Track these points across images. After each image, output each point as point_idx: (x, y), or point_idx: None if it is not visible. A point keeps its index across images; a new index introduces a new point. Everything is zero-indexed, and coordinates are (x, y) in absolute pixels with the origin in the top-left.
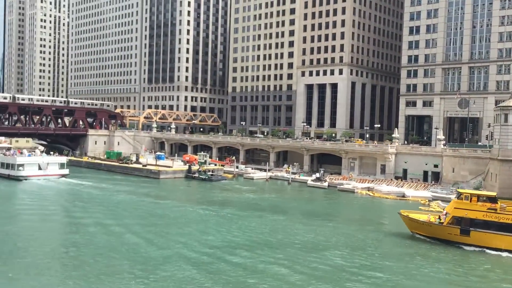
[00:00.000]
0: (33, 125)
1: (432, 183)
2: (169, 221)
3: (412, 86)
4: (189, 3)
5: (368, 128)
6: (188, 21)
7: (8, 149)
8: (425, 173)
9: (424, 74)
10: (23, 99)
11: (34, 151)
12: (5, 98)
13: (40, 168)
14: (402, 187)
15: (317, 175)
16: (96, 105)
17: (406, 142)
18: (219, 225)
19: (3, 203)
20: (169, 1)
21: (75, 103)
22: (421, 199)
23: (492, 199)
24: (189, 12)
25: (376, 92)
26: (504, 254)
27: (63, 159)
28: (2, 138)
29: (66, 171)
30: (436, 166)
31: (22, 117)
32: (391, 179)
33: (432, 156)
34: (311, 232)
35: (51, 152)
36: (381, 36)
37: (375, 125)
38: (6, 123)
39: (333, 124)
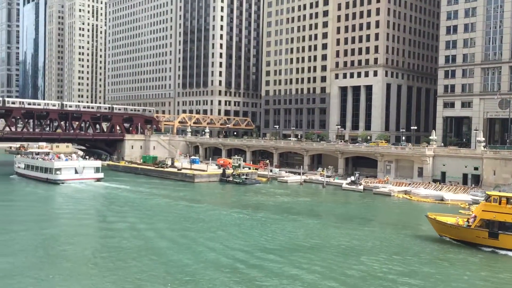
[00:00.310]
0: (72, 131)
1: (472, 186)
2: (203, 225)
3: (450, 86)
4: (222, 8)
5: (404, 130)
6: (221, 26)
7: (47, 153)
8: (465, 176)
9: (463, 74)
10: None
11: (71, 156)
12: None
13: (76, 172)
14: (440, 190)
15: (352, 178)
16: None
17: (444, 144)
18: (252, 229)
19: (43, 206)
20: (202, 6)
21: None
22: (460, 202)
23: None
24: (222, 17)
25: (412, 93)
26: None
27: (98, 163)
28: (44, 144)
29: (101, 175)
30: (476, 168)
31: (62, 123)
32: (429, 182)
33: (472, 159)
34: (346, 236)
35: (87, 157)
36: (416, 36)
37: (412, 127)
38: (47, 129)
39: (368, 127)
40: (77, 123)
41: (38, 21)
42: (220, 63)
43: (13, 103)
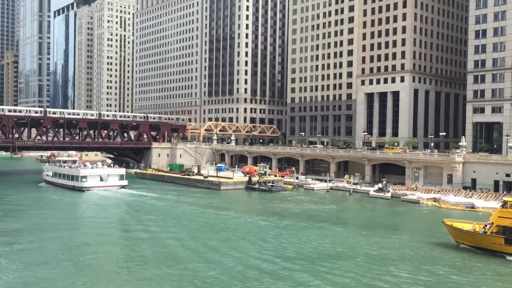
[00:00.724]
0: (101, 139)
1: (504, 193)
2: (229, 233)
3: (479, 91)
4: (247, 16)
5: (432, 136)
6: (247, 34)
7: (74, 162)
8: (496, 183)
9: (493, 79)
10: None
11: (96, 164)
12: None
13: (101, 180)
14: (471, 197)
15: (380, 185)
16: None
17: (474, 150)
18: (278, 237)
19: (70, 214)
20: (228, 15)
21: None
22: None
23: None
24: (247, 25)
25: (441, 99)
26: None
27: (122, 171)
28: (74, 152)
29: (125, 182)
30: (508, 175)
31: (91, 131)
32: (459, 190)
33: (504, 165)
34: (374, 245)
35: (111, 165)
36: (444, 41)
37: (440, 133)
38: (77, 137)
39: (395, 133)
40: (105, 131)
41: (68, 33)
42: (246, 71)
43: (77, 114)
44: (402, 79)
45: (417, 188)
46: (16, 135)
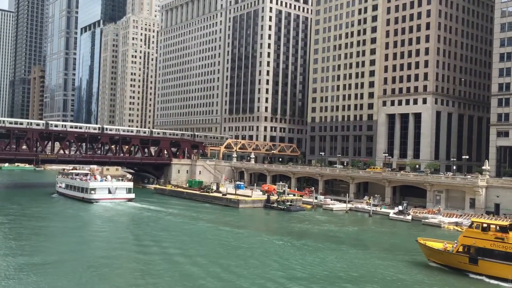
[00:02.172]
0: (122, 154)
1: None
2: (242, 251)
3: (503, 115)
4: (269, 36)
5: (455, 159)
6: (269, 53)
7: (86, 174)
8: None
9: None
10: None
11: (106, 177)
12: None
13: (109, 192)
14: None
15: (400, 208)
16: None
17: (498, 175)
18: (291, 258)
19: (82, 228)
20: (250, 34)
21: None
22: None
23: (503, 228)
24: (269, 44)
25: (464, 121)
26: (509, 285)
27: (130, 184)
28: (95, 166)
29: (132, 195)
30: None
31: (112, 146)
32: (482, 214)
33: None
34: (392, 269)
35: (120, 178)
36: (468, 64)
37: (463, 157)
38: (99, 152)
39: (416, 155)
40: (126, 147)
41: (93, 49)
42: (267, 90)
43: (110, 130)
44: (425, 101)
45: (440, 211)
46: (40, 149)
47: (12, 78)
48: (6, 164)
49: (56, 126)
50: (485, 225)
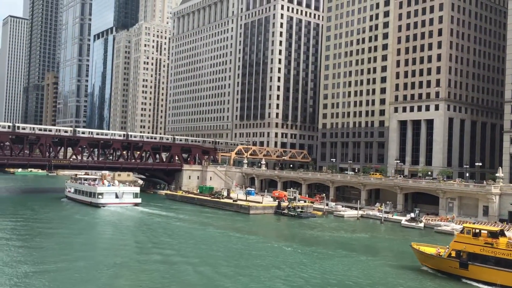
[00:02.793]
0: (134, 160)
1: None
2: (250, 257)
3: None
4: (280, 42)
5: (467, 166)
6: (280, 60)
7: (94, 179)
8: None
9: None
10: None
11: (114, 182)
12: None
13: (116, 197)
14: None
15: (412, 215)
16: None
17: (511, 182)
18: (300, 265)
19: (90, 233)
20: (261, 41)
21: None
22: None
23: (493, 234)
24: (280, 51)
25: (476, 128)
26: None
27: (137, 189)
28: (107, 172)
29: (139, 200)
30: None
31: (124, 152)
32: (495, 222)
33: None
34: (402, 276)
35: (127, 183)
36: (481, 70)
37: (476, 164)
38: (111, 157)
39: (428, 162)
40: (138, 152)
41: (106, 56)
42: (278, 96)
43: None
44: (437, 107)
45: (454, 219)
46: (53, 154)
47: (26, 84)
48: (20, 170)
49: (97, 134)
50: (476, 230)
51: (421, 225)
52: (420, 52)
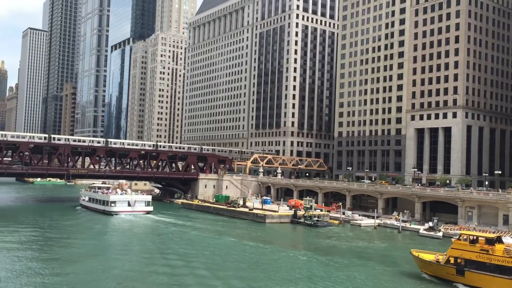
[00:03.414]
0: (150, 169)
1: None
2: (263, 266)
3: None
4: (295, 51)
5: (487, 174)
6: (295, 68)
7: (108, 188)
8: None
9: None
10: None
11: (127, 191)
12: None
13: (129, 205)
14: None
15: (430, 224)
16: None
17: None
18: (315, 275)
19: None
20: (276, 49)
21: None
22: None
23: (490, 241)
24: (295, 59)
25: (495, 136)
26: None
27: (149, 197)
28: (124, 181)
29: (150, 208)
30: None
31: (141, 161)
32: None
33: None
34: (422, 286)
35: (138, 191)
36: (499, 77)
37: (495, 172)
38: (127, 167)
39: (447, 170)
40: (154, 162)
41: (123, 66)
42: (293, 104)
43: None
44: (454, 115)
45: (475, 228)
46: (71, 164)
47: (45, 95)
48: (39, 179)
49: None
50: (473, 237)
51: (440, 234)
52: (437, 60)
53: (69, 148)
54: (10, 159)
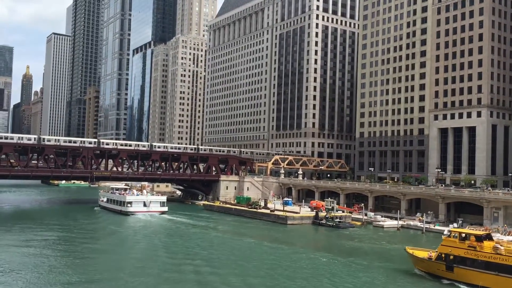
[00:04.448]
0: (172, 171)
1: None
2: (291, 269)
3: None
4: (316, 51)
5: None
6: (315, 69)
7: (125, 189)
8: None
9: None
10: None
11: (142, 191)
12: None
13: (144, 205)
14: None
15: (455, 225)
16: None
17: None
18: (334, 276)
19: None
20: (297, 50)
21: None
22: None
23: (478, 238)
24: (316, 60)
25: None
26: None
27: (163, 198)
28: (146, 183)
29: (165, 208)
30: None
31: (163, 163)
32: None
33: None
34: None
35: (154, 193)
36: None
37: None
38: (150, 169)
39: (471, 171)
40: (176, 164)
41: (144, 69)
42: (314, 105)
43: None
44: (479, 114)
45: (506, 230)
46: (94, 166)
47: (69, 99)
48: (63, 181)
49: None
50: (463, 234)
51: None
52: (460, 58)
53: (91, 151)
54: (36, 161)
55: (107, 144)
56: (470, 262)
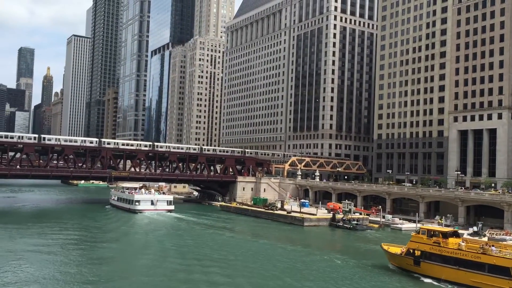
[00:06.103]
0: (189, 172)
1: None
2: (300, 270)
3: None
4: (333, 53)
5: None
6: (333, 70)
7: (135, 188)
8: None
9: None
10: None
11: (150, 191)
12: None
13: (152, 204)
14: None
15: (475, 228)
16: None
17: None
18: (347, 279)
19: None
20: (314, 52)
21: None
22: None
23: (444, 235)
24: (333, 61)
25: None
26: (444, 285)
27: (170, 197)
28: (163, 184)
29: (172, 207)
30: None
31: (180, 164)
32: None
33: None
34: None
35: (161, 191)
36: None
37: None
38: (167, 170)
39: (492, 173)
40: (193, 164)
41: (162, 71)
42: (331, 107)
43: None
44: (500, 116)
45: None
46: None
47: (89, 100)
48: (82, 181)
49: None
50: (432, 232)
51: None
52: (481, 59)
53: (110, 152)
54: (56, 162)
55: (161, 147)
56: (434, 257)
